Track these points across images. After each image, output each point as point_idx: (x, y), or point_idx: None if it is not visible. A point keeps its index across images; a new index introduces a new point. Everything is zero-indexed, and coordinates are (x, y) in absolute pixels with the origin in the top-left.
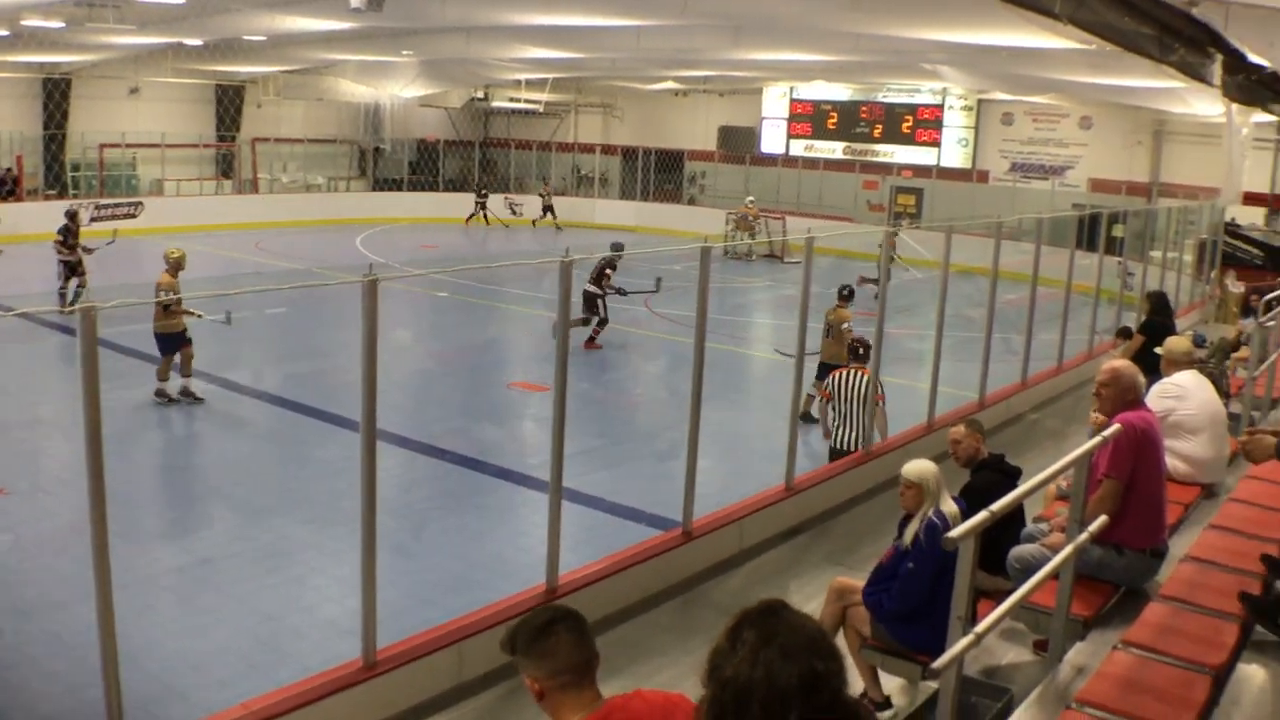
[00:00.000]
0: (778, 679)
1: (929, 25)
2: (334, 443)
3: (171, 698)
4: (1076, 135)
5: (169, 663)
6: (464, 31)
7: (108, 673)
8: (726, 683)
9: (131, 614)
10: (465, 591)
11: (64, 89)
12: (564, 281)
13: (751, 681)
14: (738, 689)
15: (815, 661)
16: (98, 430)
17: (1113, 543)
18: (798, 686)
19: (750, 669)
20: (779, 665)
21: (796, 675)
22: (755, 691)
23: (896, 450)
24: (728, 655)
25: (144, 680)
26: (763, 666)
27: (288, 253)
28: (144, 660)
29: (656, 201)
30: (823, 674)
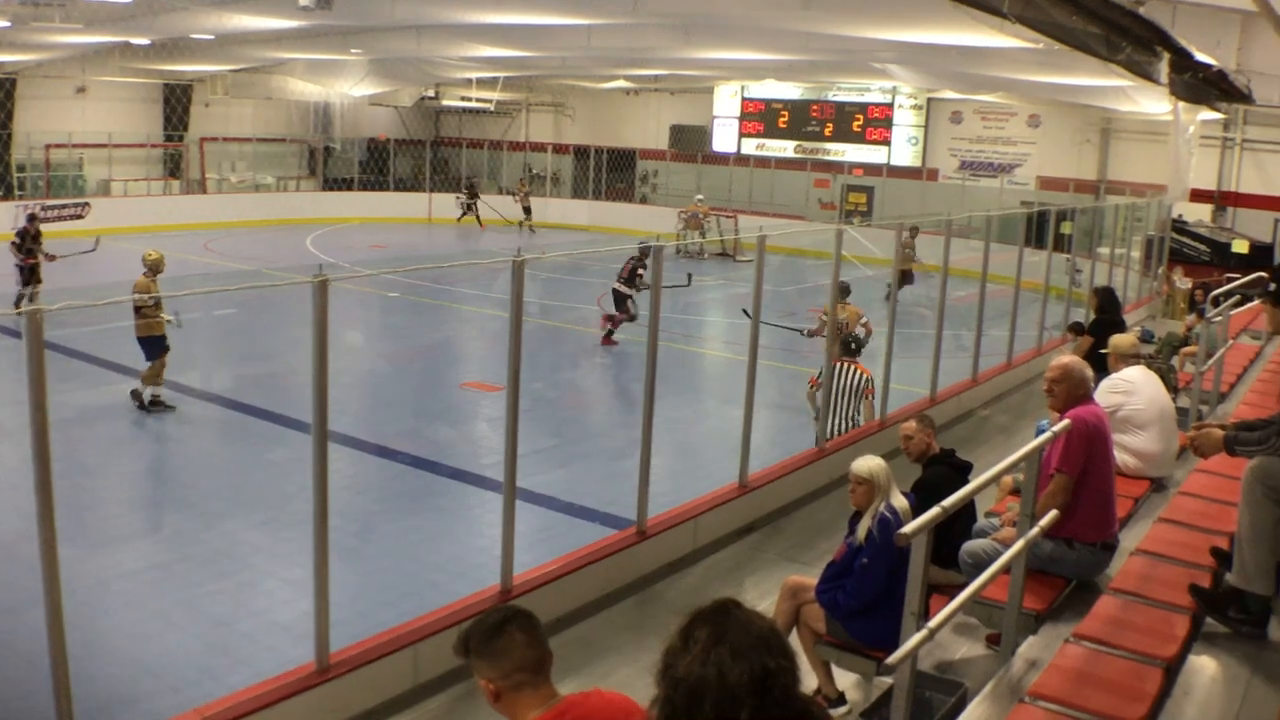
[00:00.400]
0: (729, 677)
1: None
2: (285, 445)
3: (124, 704)
4: (1025, 133)
5: (121, 668)
6: (414, 30)
7: (58, 679)
8: (678, 682)
9: (83, 619)
10: (419, 593)
11: (9, 89)
12: (516, 282)
13: (703, 680)
14: (689, 688)
15: (767, 660)
16: (45, 435)
17: (1063, 537)
18: (749, 685)
19: (702, 668)
20: (730, 664)
21: (748, 674)
22: (707, 690)
23: (847, 447)
24: (680, 654)
25: (96, 686)
26: (714, 665)
27: (237, 253)
28: (96, 666)
29: (608, 200)
30: (774, 671)
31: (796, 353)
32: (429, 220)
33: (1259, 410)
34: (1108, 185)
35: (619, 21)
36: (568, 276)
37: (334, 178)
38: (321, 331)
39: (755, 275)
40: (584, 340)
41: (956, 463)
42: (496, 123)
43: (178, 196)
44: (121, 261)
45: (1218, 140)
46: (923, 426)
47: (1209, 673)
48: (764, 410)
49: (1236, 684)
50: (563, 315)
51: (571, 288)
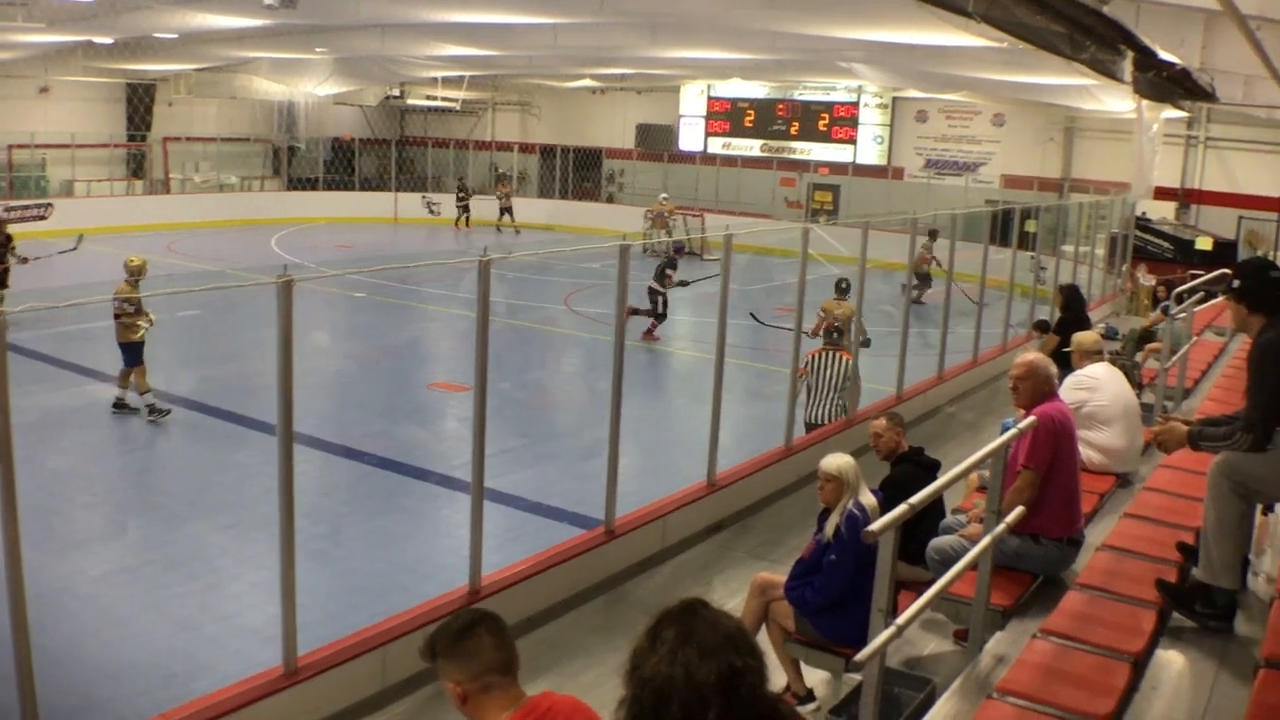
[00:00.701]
0: (696, 677)
1: (844, 24)
2: (250, 447)
3: (90, 708)
4: (989, 132)
5: (87, 673)
6: (379, 29)
7: (23, 684)
8: (646, 682)
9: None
10: (387, 595)
11: None
12: (482, 282)
13: (670, 680)
14: (657, 688)
15: (734, 659)
16: (8, 437)
17: (1030, 533)
18: (716, 684)
19: (669, 668)
20: (697, 663)
21: (715, 673)
22: (674, 690)
23: (816, 445)
24: (647, 654)
25: (62, 691)
26: (681, 665)
27: (201, 254)
28: (61, 670)
29: (575, 199)
30: (741, 671)
31: (764, 350)
32: (395, 220)
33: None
34: (1072, 183)
35: (585, 20)
36: (535, 276)
37: (299, 177)
38: (286, 332)
39: (722, 274)
40: (551, 340)
41: (925, 461)
42: (462, 122)
43: (141, 197)
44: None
45: (1181, 138)
46: (892, 425)
47: (1176, 667)
48: (732, 408)
49: (1204, 678)
50: (530, 315)
51: (538, 287)
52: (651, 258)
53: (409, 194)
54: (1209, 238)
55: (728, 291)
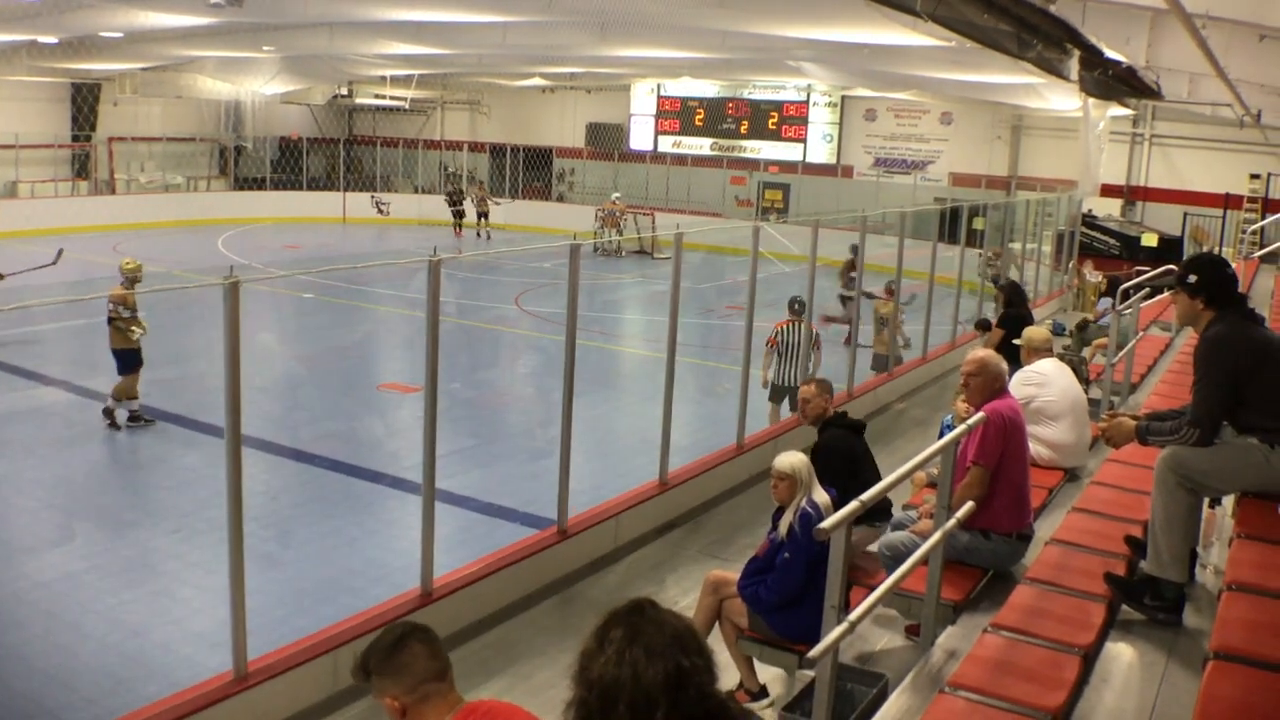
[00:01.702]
0: (644, 678)
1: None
2: (197, 450)
3: (40, 715)
4: (937, 130)
5: (33, 681)
6: (327, 27)
7: None
8: (593, 683)
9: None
10: (338, 598)
11: None
12: (432, 282)
13: (618, 681)
14: (604, 689)
15: (681, 658)
16: None
17: (980, 528)
18: (663, 684)
19: (616, 668)
20: (644, 664)
21: (662, 673)
22: (621, 691)
23: (767, 443)
24: (595, 655)
25: (9, 698)
26: (629, 665)
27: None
28: (9, 677)
29: (526, 199)
30: (689, 670)
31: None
32: (343, 220)
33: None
34: (1019, 181)
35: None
36: (485, 276)
37: (246, 177)
38: (233, 334)
39: (673, 272)
40: (501, 340)
41: (850, 423)
42: (411, 121)
43: (86, 197)
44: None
45: (1127, 136)
46: (820, 390)
47: (1126, 659)
48: (683, 407)
49: (1153, 670)
50: (481, 315)
51: (488, 287)
52: (602, 257)
53: (358, 194)
54: (1155, 234)
55: (678, 290)
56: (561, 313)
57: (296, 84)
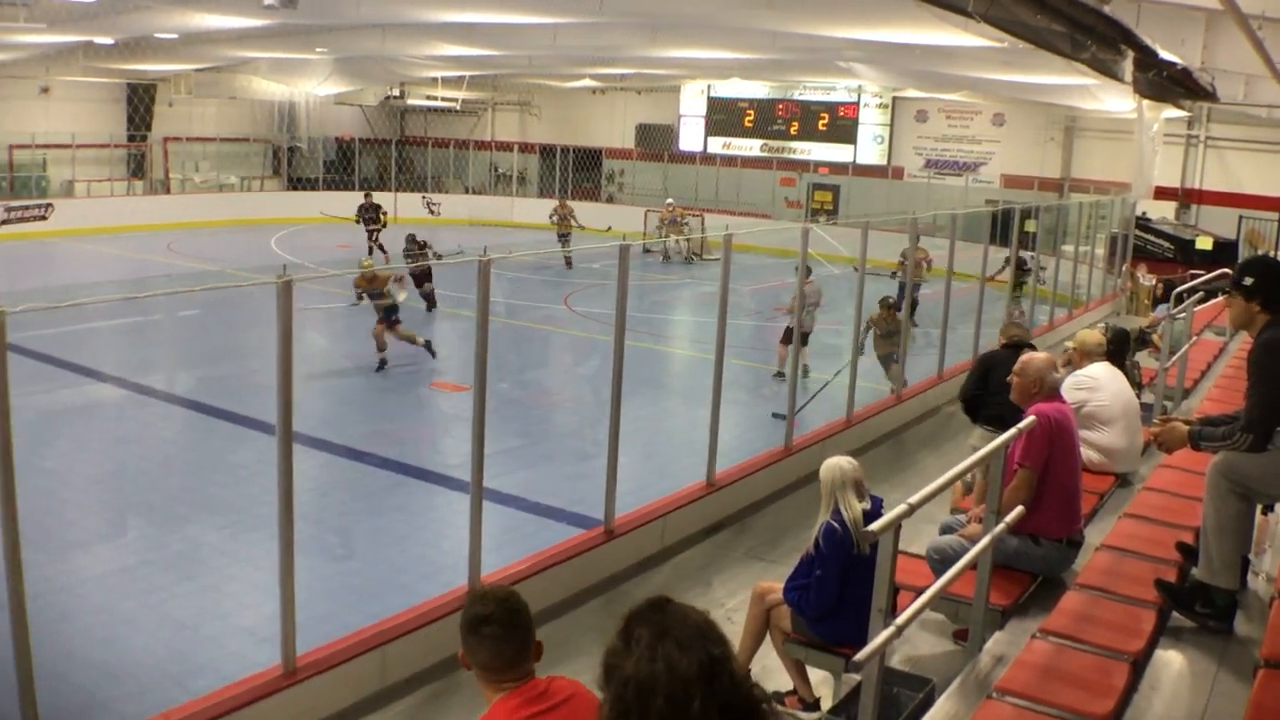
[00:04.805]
0: (678, 669)
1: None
2: (249, 447)
3: (89, 709)
4: (989, 132)
5: (86, 673)
6: (379, 29)
7: (22, 684)
8: (627, 681)
9: (47, 624)
10: (387, 595)
11: None
12: (482, 281)
13: (653, 676)
14: (639, 685)
15: (711, 648)
16: (8, 437)
17: (1029, 533)
18: (698, 674)
19: (650, 664)
20: (677, 656)
21: (696, 664)
22: (657, 685)
23: (816, 445)
24: (624, 654)
25: (61, 691)
26: (662, 660)
27: (201, 254)
28: (61, 671)
29: (575, 199)
30: (719, 659)
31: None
32: (394, 220)
33: (1223, 405)
34: (1072, 183)
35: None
36: (534, 276)
37: (299, 177)
38: (286, 332)
39: (722, 274)
40: (550, 340)
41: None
42: (462, 122)
43: (141, 197)
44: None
45: (1182, 138)
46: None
47: (1176, 667)
48: (731, 408)
49: (1203, 678)
50: (530, 315)
51: (538, 287)
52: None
53: (409, 194)
54: (1209, 237)
55: (727, 291)
56: (610, 313)
57: (349, 85)
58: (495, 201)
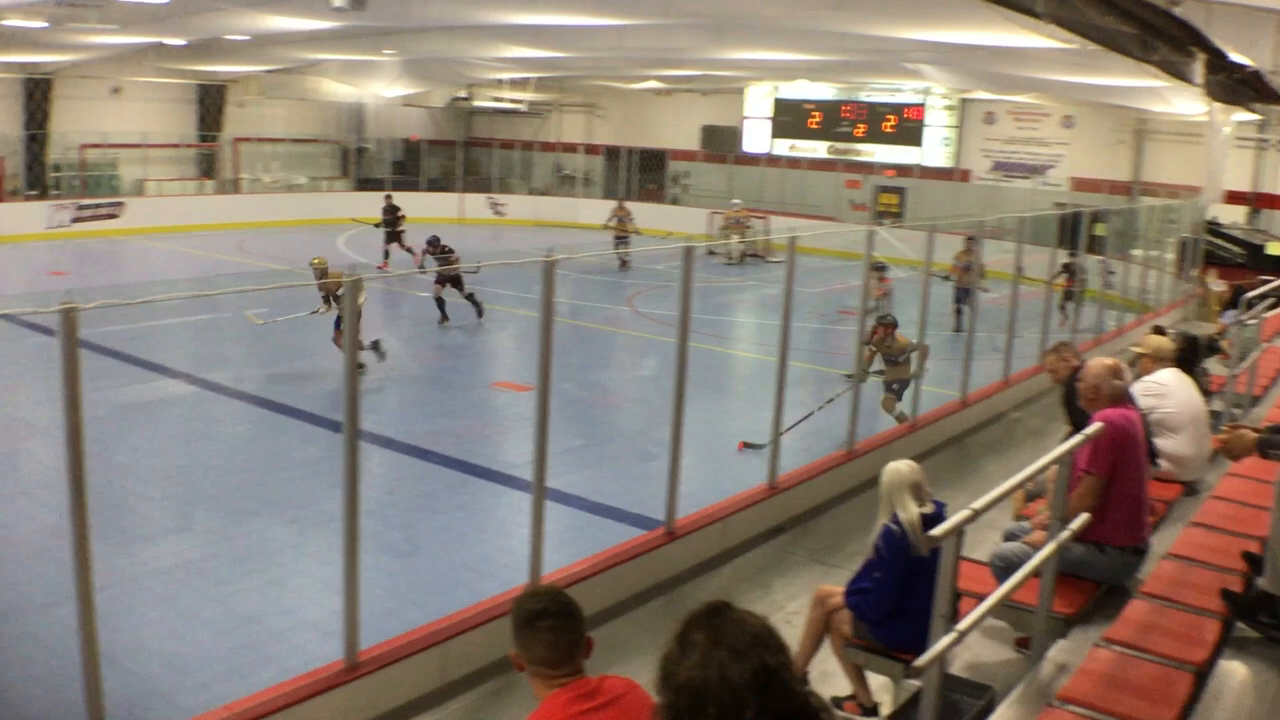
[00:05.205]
0: (731, 678)
1: (911, 24)
2: (315, 443)
3: (154, 699)
4: (1058, 134)
5: (151, 664)
6: (447, 31)
7: (89, 674)
8: (681, 687)
9: (114, 616)
10: (448, 592)
11: (45, 89)
12: (546, 282)
13: (705, 683)
14: (693, 692)
15: (766, 656)
16: (78, 432)
17: (1094, 541)
18: (751, 683)
19: (703, 671)
20: (731, 664)
21: (750, 672)
22: (710, 692)
23: (879, 449)
24: (679, 660)
25: (126, 682)
26: (715, 667)
27: (270, 253)
28: (126, 662)
29: (640, 201)
30: (774, 668)
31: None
32: (460, 220)
33: None
34: (1142, 187)
35: (651, 22)
36: (599, 277)
37: (366, 178)
38: (353, 330)
39: (786, 277)
40: (614, 341)
41: None
42: (528, 123)
43: (212, 196)
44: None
45: (1253, 141)
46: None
47: (1239, 678)
48: (795, 411)
49: (1267, 689)
50: (593, 316)
51: (601, 288)
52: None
53: (475, 194)
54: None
55: (791, 294)
56: (673, 315)
57: (417, 87)
58: (560, 203)
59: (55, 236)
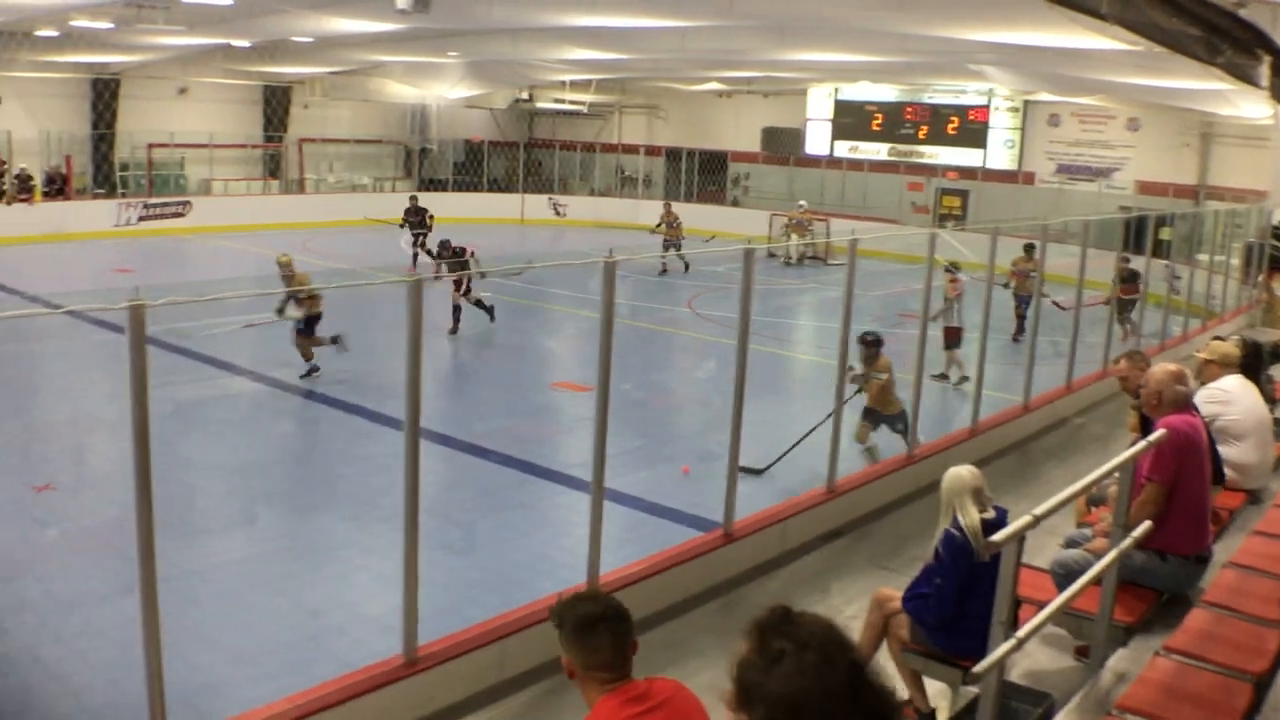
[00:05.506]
0: (827, 682)
1: (974, 25)
2: (377, 441)
3: (214, 690)
4: (1123, 137)
5: (212, 656)
6: (509, 33)
7: (150, 665)
8: (776, 698)
9: (176, 607)
10: (506, 590)
11: (113, 89)
12: (606, 283)
13: (803, 691)
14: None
15: (851, 654)
16: (145, 426)
17: (1156, 549)
18: (847, 685)
19: (800, 679)
20: (825, 669)
21: (844, 673)
22: (809, 700)
23: (940, 454)
24: (766, 670)
25: (187, 672)
26: (812, 673)
27: (333, 252)
28: (187, 653)
29: (700, 203)
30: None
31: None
32: (521, 221)
33: None
34: (1208, 190)
35: (713, 23)
36: (658, 278)
37: (429, 179)
38: (415, 330)
39: (847, 279)
40: (673, 342)
41: None
42: (589, 124)
43: (276, 196)
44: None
45: None
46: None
47: None
48: (854, 414)
49: None
50: (653, 317)
51: (661, 289)
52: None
53: (536, 195)
54: None
55: (852, 296)
56: (733, 317)
57: (479, 88)
58: (621, 204)
59: (122, 234)
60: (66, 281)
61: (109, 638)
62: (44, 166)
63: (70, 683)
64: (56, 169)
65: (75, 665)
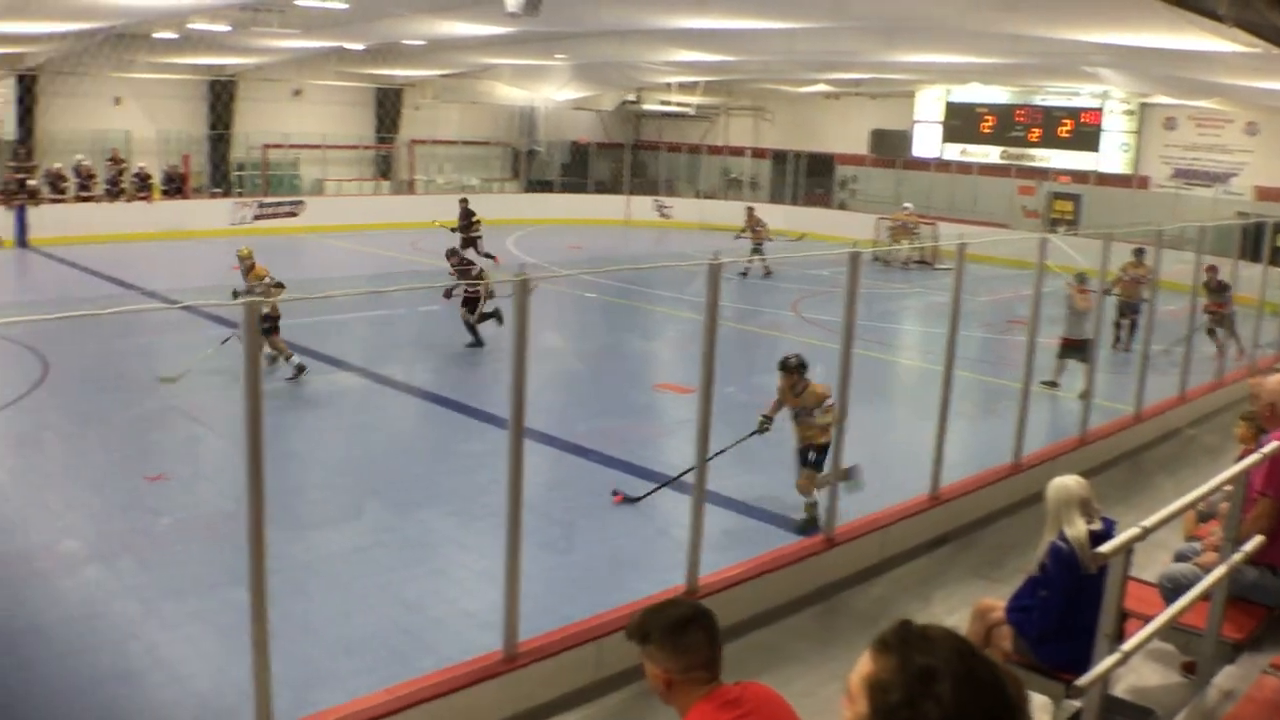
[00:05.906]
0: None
1: (1088, 26)
2: (480, 439)
3: (321, 679)
4: (1241, 141)
5: (318, 647)
6: (617, 35)
7: (257, 653)
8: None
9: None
10: (605, 590)
11: (230, 91)
12: (711, 285)
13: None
14: None
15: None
16: (258, 419)
17: (1268, 564)
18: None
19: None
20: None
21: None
22: None
23: (1046, 463)
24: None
25: (291, 662)
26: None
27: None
28: (292, 643)
29: (806, 205)
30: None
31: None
32: (626, 222)
33: None
34: None
35: (821, 25)
36: (763, 281)
37: (536, 180)
38: (521, 329)
39: (954, 284)
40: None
41: None
42: (695, 126)
43: (387, 197)
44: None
45: None
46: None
47: None
48: (959, 422)
49: None
50: (757, 320)
51: (766, 292)
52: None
53: (641, 197)
54: None
55: (959, 302)
56: (838, 320)
57: (587, 91)
58: (726, 206)
59: (238, 233)
60: (183, 278)
61: (215, 625)
62: (162, 166)
63: (176, 669)
64: (174, 168)
65: (182, 652)
